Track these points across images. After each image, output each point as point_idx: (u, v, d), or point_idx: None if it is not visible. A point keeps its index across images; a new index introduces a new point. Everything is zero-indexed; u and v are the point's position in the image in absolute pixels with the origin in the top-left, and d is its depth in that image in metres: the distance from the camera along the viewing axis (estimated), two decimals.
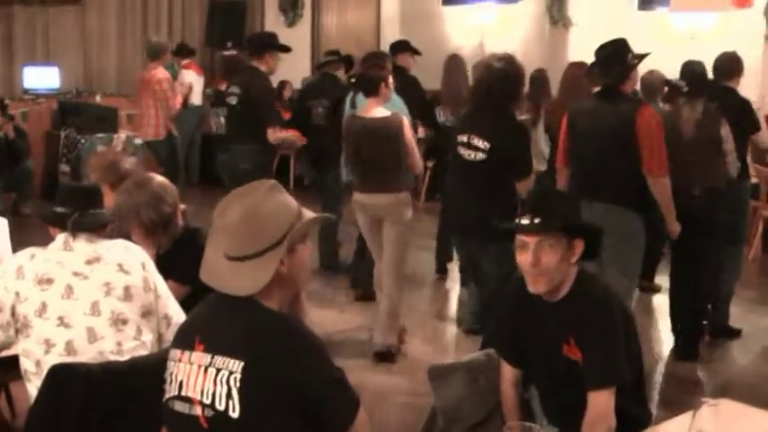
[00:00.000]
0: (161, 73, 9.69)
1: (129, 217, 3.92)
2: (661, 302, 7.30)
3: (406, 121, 6.11)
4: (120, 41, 13.10)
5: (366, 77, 6.24)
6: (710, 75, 6.70)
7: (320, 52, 13.34)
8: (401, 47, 8.53)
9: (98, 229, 3.45)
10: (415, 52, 8.53)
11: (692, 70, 6.53)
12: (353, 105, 6.86)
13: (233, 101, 7.55)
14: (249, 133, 7.37)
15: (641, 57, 5.64)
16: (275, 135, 7.37)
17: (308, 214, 2.72)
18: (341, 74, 8.66)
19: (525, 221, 3.17)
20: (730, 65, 6.87)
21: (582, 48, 10.86)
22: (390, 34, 14.10)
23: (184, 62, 12.15)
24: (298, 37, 12.88)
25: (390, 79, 6.21)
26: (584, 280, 3.27)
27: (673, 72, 6.77)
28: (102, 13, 12.91)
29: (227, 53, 10.01)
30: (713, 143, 6.12)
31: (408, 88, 7.56)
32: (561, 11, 12.17)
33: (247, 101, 7.41)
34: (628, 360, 3.18)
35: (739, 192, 6.69)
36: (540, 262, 3.15)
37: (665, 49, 7.09)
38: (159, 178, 4.10)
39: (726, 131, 6.16)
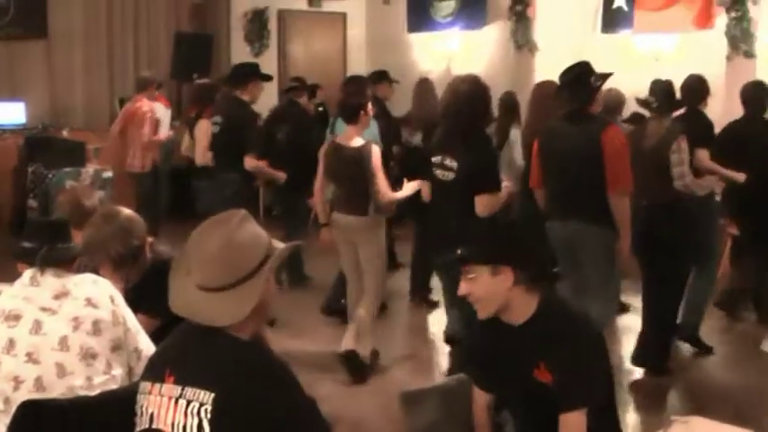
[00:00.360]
0: (146, 105, 9.72)
1: (97, 251, 3.90)
2: (632, 322, 7.32)
3: (377, 151, 6.27)
4: (86, 75, 13.05)
5: (347, 105, 6.44)
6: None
7: (287, 82, 13.39)
8: (381, 77, 8.74)
9: (66, 263, 3.43)
10: (393, 81, 8.93)
11: (660, 87, 6.67)
12: (333, 130, 7.25)
13: (216, 129, 7.64)
14: (231, 162, 7.41)
15: (605, 78, 5.78)
16: (251, 163, 7.38)
17: (278, 244, 2.74)
18: (304, 101, 8.74)
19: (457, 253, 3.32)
20: (697, 87, 7.05)
21: (547, 71, 10.92)
22: (357, 61, 14.18)
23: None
24: (265, 66, 12.69)
25: (370, 106, 6.41)
26: (549, 304, 3.29)
27: (637, 93, 6.85)
28: (68, 47, 12.85)
29: (200, 81, 10.01)
30: (668, 159, 6.26)
31: (384, 116, 8.00)
32: (526, 35, 12.25)
33: (229, 129, 7.49)
34: (599, 380, 3.19)
35: (708, 208, 6.83)
36: (469, 291, 3.27)
37: (629, 71, 7.17)
38: (127, 211, 4.08)
39: (682, 148, 6.28)
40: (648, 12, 11.12)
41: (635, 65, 10.88)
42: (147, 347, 3.42)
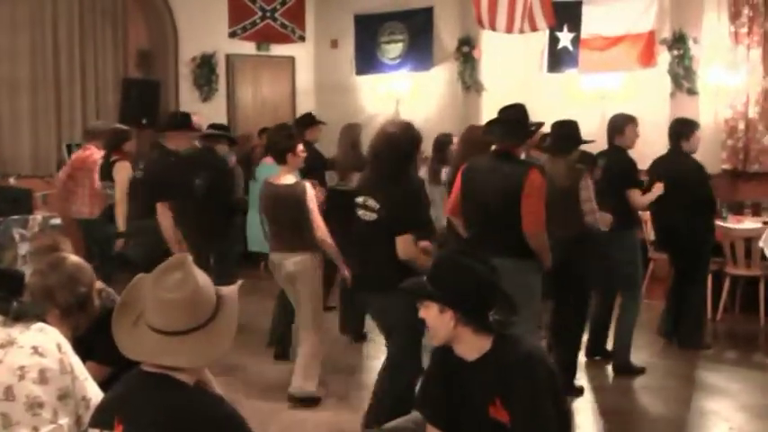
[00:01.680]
0: (96, 153, 9.66)
1: (43, 299, 3.84)
2: None
3: (309, 188, 6.48)
4: (32, 122, 12.96)
5: (276, 148, 6.65)
6: None
7: (237, 126, 13.38)
8: (310, 121, 9.17)
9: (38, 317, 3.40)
10: (320, 123, 9.29)
11: (555, 130, 6.91)
12: (254, 177, 7.85)
13: (138, 175, 7.76)
14: (146, 210, 7.41)
15: (538, 126, 6.16)
16: (160, 210, 7.31)
17: (225, 289, 2.77)
18: (222, 149, 8.72)
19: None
20: (615, 124, 7.55)
21: (495, 111, 11.02)
22: (306, 105, 14.21)
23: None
24: (213, 111, 12.88)
25: (300, 147, 6.63)
26: (503, 342, 3.30)
27: (583, 132, 6.92)
28: (14, 93, 12.78)
29: (116, 126, 10.03)
30: (572, 196, 6.60)
31: (318, 159, 8.48)
32: (473, 76, 12.37)
33: (146, 178, 7.60)
34: (554, 419, 3.20)
35: (629, 240, 7.37)
36: (424, 317, 3.38)
37: (575, 110, 7.26)
38: (74, 258, 4.02)
39: (588, 185, 6.69)
40: (593, 51, 11.32)
41: (581, 103, 11.04)
42: (96, 396, 3.37)
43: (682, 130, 7.96)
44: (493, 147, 6.03)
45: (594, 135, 7.36)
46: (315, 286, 6.55)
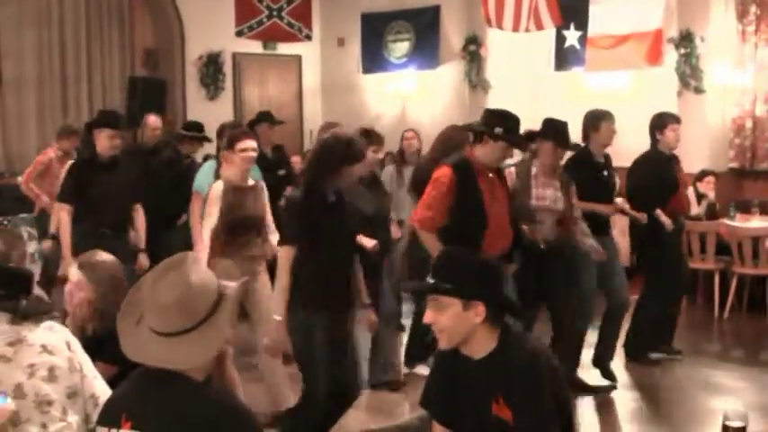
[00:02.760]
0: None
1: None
2: None
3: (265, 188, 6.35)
4: (39, 121, 12.98)
5: None
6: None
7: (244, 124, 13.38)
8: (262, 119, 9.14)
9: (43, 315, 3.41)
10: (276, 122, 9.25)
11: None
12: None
13: None
14: None
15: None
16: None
17: (227, 283, 2.75)
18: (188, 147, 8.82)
19: (426, 281, 3.31)
20: (586, 123, 7.16)
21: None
22: (312, 104, 14.24)
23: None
24: (220, 110, 12.90)
25: (238, 146, 6.23)
26: (509, 338, 3.29)
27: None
28: (21, 93, 12.79)
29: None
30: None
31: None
32: (479, 75, 12.37)
33: None
34: (556, 418, 3.20)
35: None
36: (435, 320, 3.25)
37: (581, 109, 7.22)
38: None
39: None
40: (600, 50, 11.29)
41: (588, 102, 10.99)
42: (104, 393, 3.37)
43: (654, 124, 7.58)
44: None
45: None
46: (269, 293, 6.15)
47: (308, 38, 14.60)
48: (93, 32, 13.55)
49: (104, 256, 4.25)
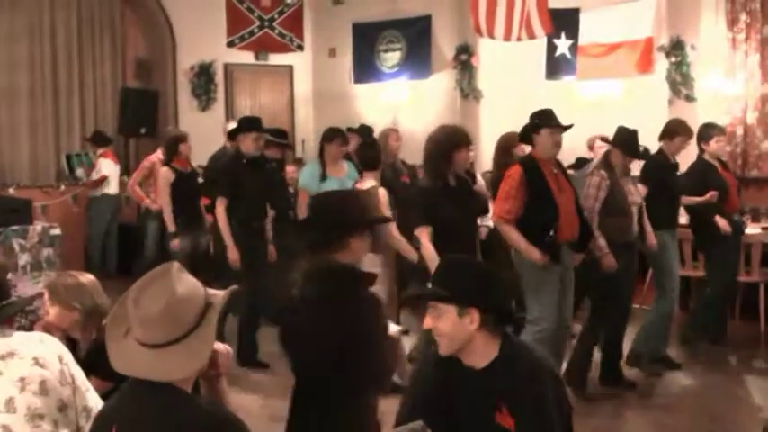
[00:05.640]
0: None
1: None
2: None
3: None
4: (31, 132, 12.98)
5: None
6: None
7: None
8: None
9: (7, 320, 3.38)
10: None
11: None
12: None
13: None
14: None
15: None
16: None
17: (213, 292, 2.75)
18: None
19: (425, 288, 3.40)
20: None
21: (492, 118, 11.09)
22: (304, 113, 14.27)
23: (101, 151, 12.03)
24: (212, 121, 12.91)
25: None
26: (511, 347, 3.28)
27: (581, 139, 6.95)
28: (13, 104, 12.80)
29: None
30: None
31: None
32: (471, 84, 12.41)
33: None
34: (560, 425, 3.20)
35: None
36: (433, 326, 3.27)
37: (573, 117, 7.22)
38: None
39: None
40: (590, 58, 11.32)
41: (579, 111, 11.03)
42: (96, 406, 3.36)
43: (700, 135, 8.09)
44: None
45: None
46: None
47: (300, 48, 14.63)
48: (84, 44, 13.58)
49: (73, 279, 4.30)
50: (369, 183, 6.81)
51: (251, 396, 6.99)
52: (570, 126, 6.50)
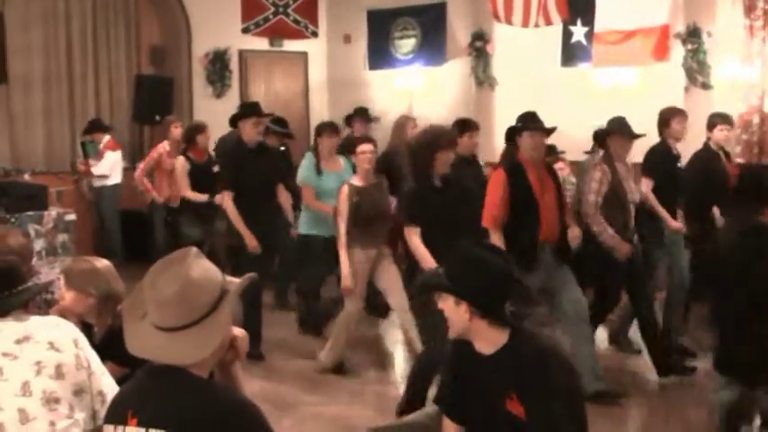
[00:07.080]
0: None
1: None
2: None
3: None
4: (46, 119, 13.01)
5: None
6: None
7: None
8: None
9: (24, 305, 3.39)
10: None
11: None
12: None
13: None
14: None
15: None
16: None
17: (232, 280, 2.75)
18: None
19: (434, 275, 3.64)
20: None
21: (507, 106, 11.04)
22: (318, 100, 14.25)
23: (105, 140, 11.99)
24: (227, 108, 12.89)
25: None
26: (519, 335, 3.30)
27: (596, 126, 6.92)
28: (28, 90, 12.82)
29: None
30: None
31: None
32: (486, 71, 12.36)
33: None
34: (569, 415, 3.20)
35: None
36: (442, 308, 3.44)
37: (588, 104, 7.23)
38: None
39: None
40: (606, 45, 11.24)
41: (595, 98, 11.00)
42: (111, 390, 3.37)
43: (706, 123, 8.18)
44: None
45: None
46: None
47: (315, 34, 14.61)
48: (99, 30, 13.57)
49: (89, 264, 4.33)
50: None
51: (263, 383, 7.01)
52: (553, 129, 6.57)
